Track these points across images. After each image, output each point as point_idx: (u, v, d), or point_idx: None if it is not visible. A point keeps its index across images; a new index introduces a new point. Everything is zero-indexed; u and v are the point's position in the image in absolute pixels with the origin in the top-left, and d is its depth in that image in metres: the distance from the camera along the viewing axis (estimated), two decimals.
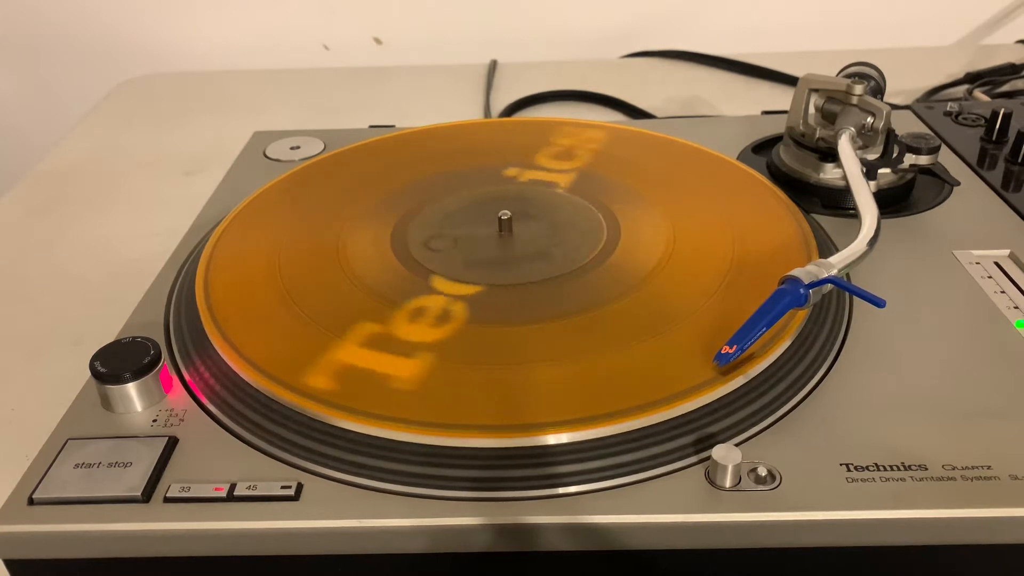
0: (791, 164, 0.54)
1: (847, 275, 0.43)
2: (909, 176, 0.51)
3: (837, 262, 0.39)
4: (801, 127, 0.53)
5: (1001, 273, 0.44)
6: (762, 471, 0.33)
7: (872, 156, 0.50)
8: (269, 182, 0.54)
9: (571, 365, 0.37)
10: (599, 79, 0.87)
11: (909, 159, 0.50)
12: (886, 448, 0.34)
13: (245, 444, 0.35)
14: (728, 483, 0.32)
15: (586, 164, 0.55)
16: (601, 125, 0.62)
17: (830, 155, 0.51)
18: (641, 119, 0.77)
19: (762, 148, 0.59)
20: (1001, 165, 0.55)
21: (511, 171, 0.54)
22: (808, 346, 0.38)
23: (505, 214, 0.47)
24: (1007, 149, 0.56)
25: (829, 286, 0.38)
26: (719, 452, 0.32)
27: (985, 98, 0.75)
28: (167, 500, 0.33)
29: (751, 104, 0.81)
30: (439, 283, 0.43)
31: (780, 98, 0.82)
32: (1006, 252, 0.46)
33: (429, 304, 0.42)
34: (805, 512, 0.31)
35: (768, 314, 0.36)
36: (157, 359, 0.37)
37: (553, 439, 0.34)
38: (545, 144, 0.58)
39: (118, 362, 0.37)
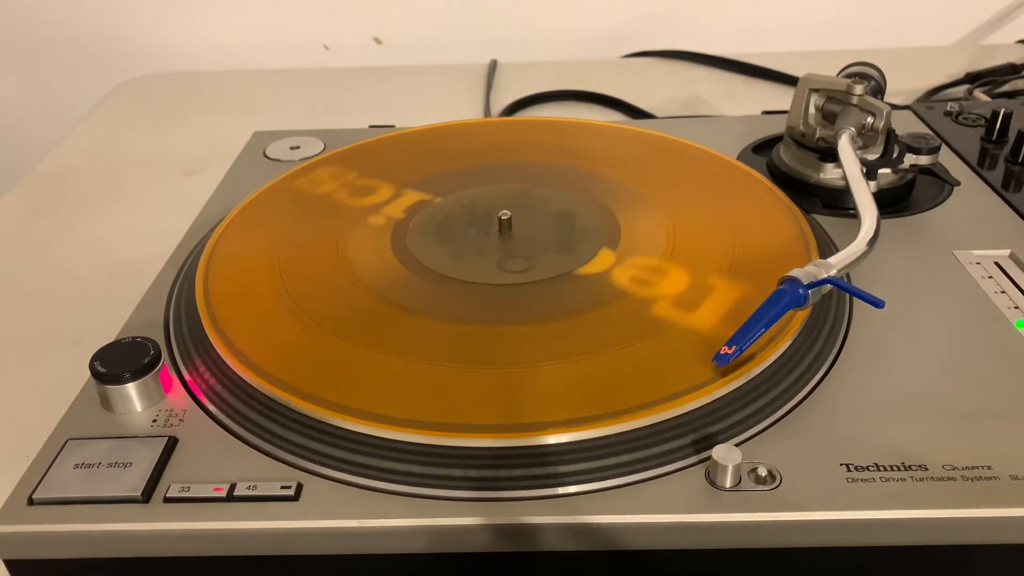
0: (791, 164, 0.54)
1: (847, 275, 0.43)
2: (909, 176, 0.51)
3: (836, 262, 0.38)
4: (801, 127, 0.53)
5: (1001, 273, 0.44)
6: (762, 471, 0.33)
7: (872, 156, 0.50)
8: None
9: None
10: (599, 79, 0.87)
11: (909, 159, 0.50)
12: (886, 448, 0.34)
13: (245, 444, 0.35)
14: (728, 483, 0.32)
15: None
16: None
17: (830, 155, 0.51)
18: (641, 119, 0.77)
19: (762, 148, 0.59)
20: (1001, 165, 0.55)
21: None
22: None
23: (505, 214, 0.47)
24: (1007, 149, 0.56)
25: (828, 286, 0.37)
26: (719, 452, 0.32)
27: (985, 98, 0.75)
28: (167, 500, 0.33)
29: (751, 104, 0.81)
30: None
31: (780, 98, 0.82)
32: (1006, 252, 0.46)
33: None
34: (805, 512, 0.31)
35: (767, 314, 0.36)
36: (157, 359, 0.37)
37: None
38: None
39: (118, 362, 0.37)
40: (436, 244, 0.47)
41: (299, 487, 0.33)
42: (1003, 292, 0.43)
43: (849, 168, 0.47)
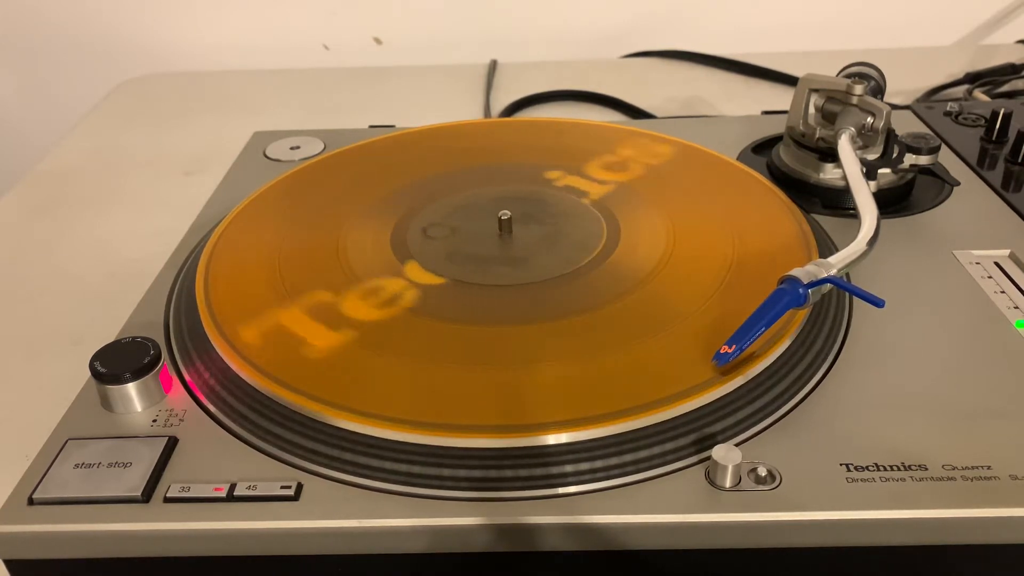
0: (791, 164, 0.54)
1: (847, 275, 0.43)
2: (909, 176, 0.51)
3: (836, 262, 0.38)
4: (801, 127, 0.53)
5: (1001, 273, 0.44)
6: (762, 471, 0.33)
7: (872, 156, 0.50)
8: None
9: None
10: (599, 79, 0.87)
11: (909, 159, 0.50)
12: (886, 448, 0.34)
13: (245, 444, 0.35)
14: (728, 483, 0.32)
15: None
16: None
17: (830, 155, 0.51)
18: (641, 119, 0.77)
19: (762, 148, 0.59)
20: (1001, 165, 0.55)
21: (552, 174, 0.53)
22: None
23: (505, 214, 0.47)
24: (1007, 149, 0.56)
25: (828, 286, 0.37)
26: (719, 452, 0.32)
27: (985, 98, 0.75)
28: (167, 500, 0.33)
29: (751, 104, 0.81)
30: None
31: (780, 98, 0.82)
32: (1006, 252, 0.46)
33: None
34: (805, 512, 0.31)
35: (767, 314, 0.36)
36: (157, 359, 0.37)
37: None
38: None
39: (118, 362, 0.37)
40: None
41: (299, 487, 0.33)
42: (1003, 292, 0.43)
43: (849, 168, 0.47)
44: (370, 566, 0.33)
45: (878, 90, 0.57)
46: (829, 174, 0.52)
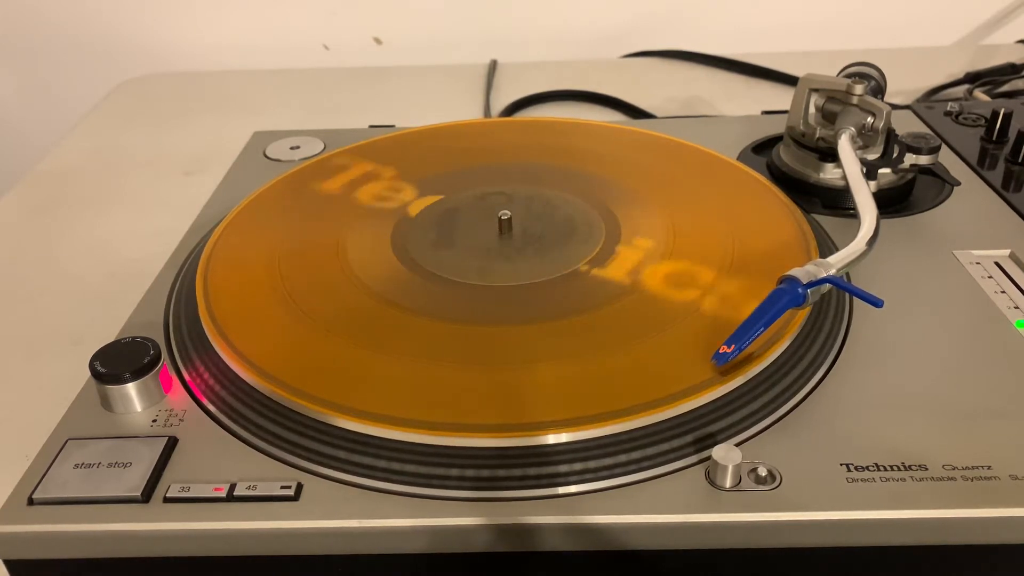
0: (791, 164, 0.54)
1: (846, 275, 0.43)
2: (909, 176, 0.51)
3: (836, 262, 0.38)
4: (801, 127, 0.53)
5: (1001, 273, 0.44)
6: (762, 471, 0.33)
7: (872, 156, 0.50)
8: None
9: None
10: (599, 79, 0.87)
11: (909, 159, 0.50)
12: (886, 448, 0.34)
13: (245, 444, 0.35)
14: (728, 483, 0.32)
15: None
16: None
17: (830, 155, 0.51)
18: (641, 119, 0.77)
19: (762, 148, 0.59)
20: (1001, 165, 0.55)
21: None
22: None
23: (505, 214, 0.47)
24: (1007, 149, 0.56)
25: (828, 286, 0.38)
26: (719, 452, 0.32)
27: (985, 98, 0.75)
28: (167, 500, 0.33)
29: (751, 104, 0.81)
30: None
31: (780, 98, 0.82)
32: (1006, 252, 0.46)
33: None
34: (805, 512, 0.31)
35: (766, 313, 0.36)
36: (157, 359, 0.37)
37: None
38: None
39: (118, 362, 0.37)
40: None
41: (299, 487, 0.33)
42: (1003, 292, 0.43)
43: (849, 168, 0.47)
44: (370, 566, 0.33)
45: (878, 90, 0.57)
46: (829, 174, 0.52)
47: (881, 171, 0.49)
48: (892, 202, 0.51)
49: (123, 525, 0.32)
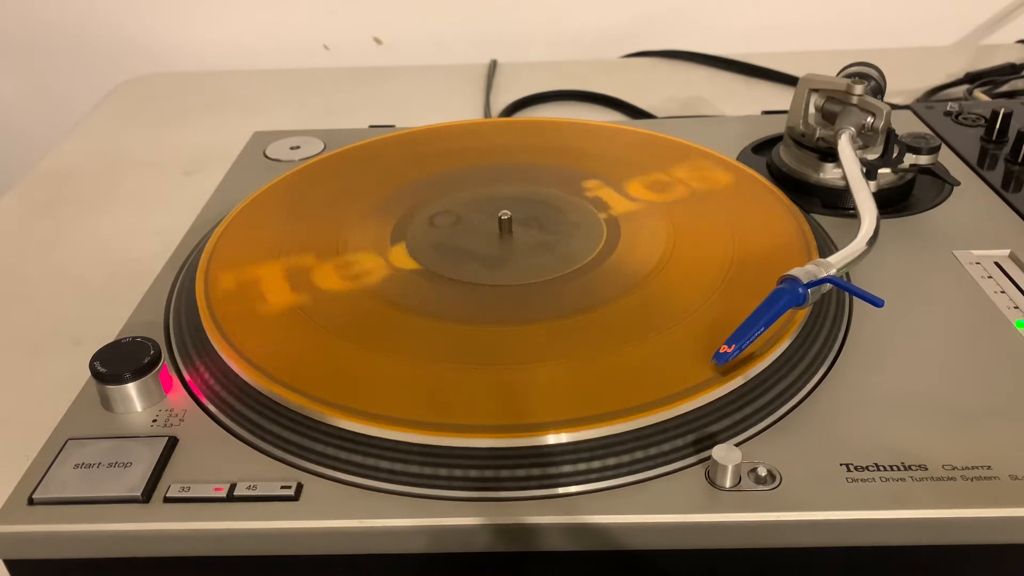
0: (791, 164, 0.54)
1: (846, 275, 0.43)
2: (909, 176, 0.51)
3: (836, 262, 0.38)
4: (801, 127, 0.53)
5: (1001, 273, 0.44)
6: (762, 471, 0.33)
7: (872, 156, 0.50)
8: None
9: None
10: (599, 79, 0.87)
11: (909, 159, 0.50)
12: (886, 448, 0.34)
13: (245, 444, 0.35)
14: (728, 483, 0.32)
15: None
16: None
17: (830, 155, 0.51)
18: (641, 119, 0.77)
19: (762, 148, 0.59)
20: (1001, 165, 0.55)
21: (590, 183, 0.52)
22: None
23: (505, 214, 0.47)
24: (1007, 149, 0.56)
25: (828, 286, 0.37)
26: (719, 452, 0.32)
27: (985, 98, 0.75)
28: (167, 500, 0.33)
29: (751, 104, 0.81)
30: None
31: (780, 98, 0.82)
32: (1006, 252, 0.46)
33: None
34: (805, 512, 0.31)
35: (766, 313, 0.36)
36: (157, 359, 0.37)
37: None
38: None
39: (118, 362, 0.37)
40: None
41: (299, 487, 0.33)
42: (1003, 292, 0.43)
43: (849, 168, 0.47)
44: (370, 566, 0.33)
45: (878, 90, 0.57)
46: (829, 174, 0.52)
47: (881, 171, 0.49)
48: (892, 202, 0.51)
49: (123, 525, 0.32)
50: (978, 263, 0.45)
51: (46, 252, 0.62)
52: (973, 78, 0.80)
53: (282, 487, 0.33)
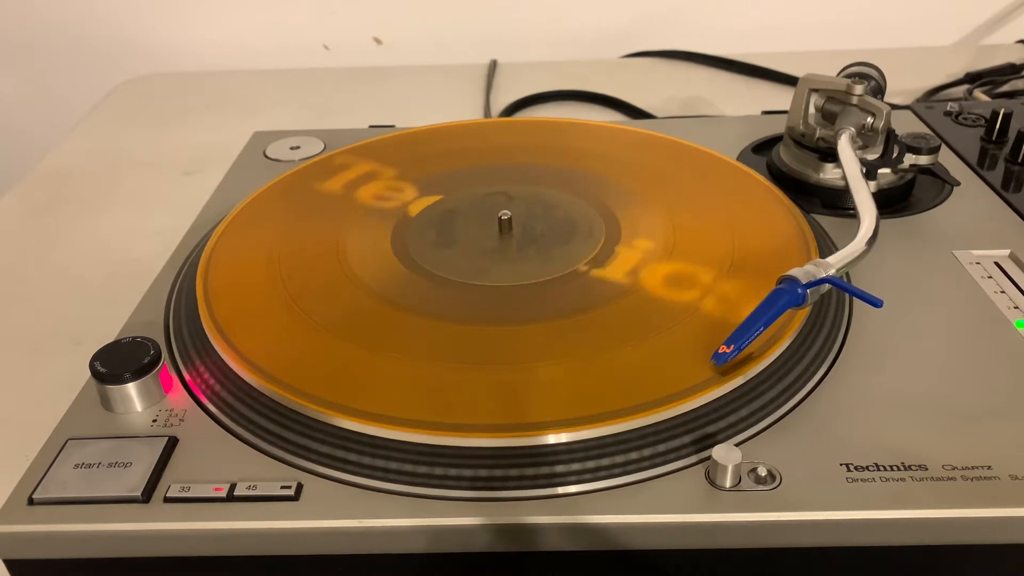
0: (791, 164, 0.54)
1: (846, 275, 0.43)
2: (909, 176, 0.51)
3: (835, 262, 0.38)
4: (801, 127, 0.53)
5: (1001, 273, 0.44)
6: (762, 471, 0.33)
7: (872, 156, 0.50)
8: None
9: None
10: (599, 79, 0.87)
11: (909, 159, 0.50)
12: (886, 448, 0.34)
13: (245, 444, 0.35)
14: (728, 483, 0.32)
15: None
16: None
17: (830, 155, 0.51)
18: (641, 119, 0.77)
19: (762, 148, 0.59)
20: (1001, 165, 0.55)
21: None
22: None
23: (505, 214, 0.47)
24: (1007, 149, 0.56)
25: (827, 286, 0.38)
26: (719, 452, 0.32)
27: (985, 98, 0.75)
28: (167, 500, 0.33)
29: (751, 104, 0.81)
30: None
31: (780, 98, 0.82)
32: (1006, 252, 0.46)
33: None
34: (805, 512, 0.31)
35: (766, 313, 0.36)
36: (157, 359, 0.37)
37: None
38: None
39: (118, 362, 0.37)
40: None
41: (299, 487, 0.33)
42: (1003, 292, 0.43)
43: (849, 168, 0.47)
44: (370, 566, 0.33)
45: (878, 90, 0.57)
46: (829, 174, 0.52)
47: (881, 171, 0.49)
48: (892, 202, 0.51)
49: (123, 525, 0.32)
50: (978, 263, 0.45)
51: (46, 252, 0.62)
52: (973, 78, 0.80)
53: (282, 487, 0.33)
